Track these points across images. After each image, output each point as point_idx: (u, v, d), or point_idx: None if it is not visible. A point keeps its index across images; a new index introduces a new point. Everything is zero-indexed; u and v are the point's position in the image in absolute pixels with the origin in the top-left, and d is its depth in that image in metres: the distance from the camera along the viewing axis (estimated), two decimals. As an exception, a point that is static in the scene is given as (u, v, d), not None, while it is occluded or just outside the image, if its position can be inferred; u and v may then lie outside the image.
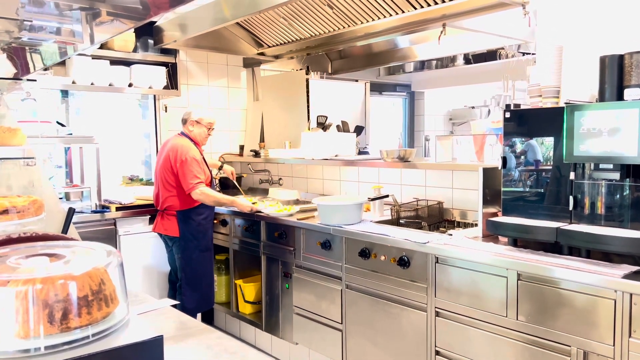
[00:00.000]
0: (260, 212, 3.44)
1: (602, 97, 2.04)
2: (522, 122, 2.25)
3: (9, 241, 1.17)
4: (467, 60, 5.57)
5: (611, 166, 1.89)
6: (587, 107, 1.95)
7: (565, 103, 2.01)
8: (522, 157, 2.28)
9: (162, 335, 1.00)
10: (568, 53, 2.22)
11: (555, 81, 2.16)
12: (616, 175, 1.89)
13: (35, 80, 1.48)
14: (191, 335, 1.28)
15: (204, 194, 3.34)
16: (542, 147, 2.17)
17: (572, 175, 2.04)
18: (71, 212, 1.65)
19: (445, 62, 5.85)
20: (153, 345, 0.98)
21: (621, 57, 2.01)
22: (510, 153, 2.32)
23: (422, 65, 6.10)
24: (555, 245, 2.14)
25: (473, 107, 6.90)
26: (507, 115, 2.27)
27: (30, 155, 1.34)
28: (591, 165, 1.99)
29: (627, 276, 1.79)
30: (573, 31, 2.27)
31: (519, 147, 2.28)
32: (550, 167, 2.17)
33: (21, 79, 1.44)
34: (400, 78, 6.45)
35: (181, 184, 3.36)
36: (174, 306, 1.55)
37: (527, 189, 2.29)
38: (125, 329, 1.01)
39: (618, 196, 1.95)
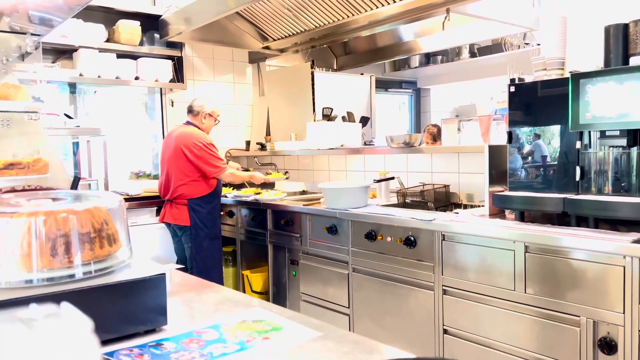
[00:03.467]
0: (268, 181, 3.79)
1: (607, 66, 2.03)
2: (527, 96, 2.24)
3: (13, 192, 1.18)
4: (473, 53, 5.57)
5: (618, 133, 1.87)
6: (593, 75, 1.94)
7: (570, 72, 2.00)
8: (528, 136, 2.26)
9: (164, 273, 1.00)
10: (572, 24, 2.21)
11: (560, 52, 2.15)
12: (623, 142, 1.87)
13: (40, 35, 1.48)
14: (196, 289, 1.28)
15: (233, 174, 3.55)
16: (548, 118, 2.16)
17: (578, 145, 2.03)
18: (77, 180, 1.66)
19: (451, 56, 5.85)
20: (156, 282, 0.98)
21: (626, 26, 2.00)
22: (516, 129, 2.30)
23: (428, 60, 6.11)
24: (563, 219, 2.12)
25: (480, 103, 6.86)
26: (512, 89, 2.26)
27: (34, 110, 1.35)
28: (597, 134, 1.98)
29: (636, 241, 1.77)
30: (577, 2, 2.26)
31: (524, 123, 2.26)
32: (557, 140, 2.16)
33: (25, 33, 1.45)
34: (406, 74, 6.45)
35: (202, 170, 3.40)
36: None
37: (534, 164, 2.27)
38: (127, 269, 1.02)
39: (625, 164, 1.93)
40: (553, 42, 2.15)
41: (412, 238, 2.51)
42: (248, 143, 4.90)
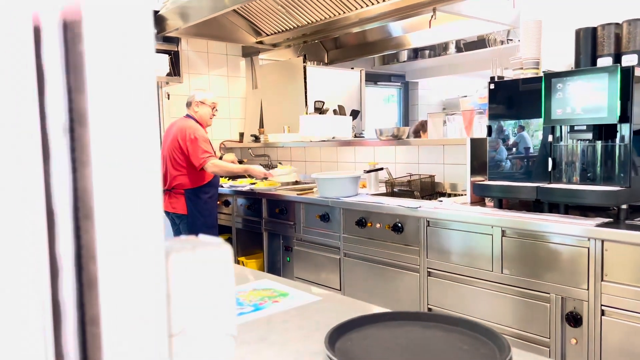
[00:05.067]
0: (271, 175, 3.79)
1: (577, 67, 2.22)
2: (505, 92, 2.43)
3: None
4: (459, 48, 5.76)
5: (585, 127, 2.07)
6: (563, 74, 2.13)
7: (544, 72, 2.19)
8: (507, 129, 2.46)
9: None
10: (547, 27, 2.40)
11: (535, 53, 2.33)
12: (589, 136, 2.07)
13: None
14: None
15: (216, 165, 3.55)
16: (524, 113, 2.35)
17: (550, 138, 2.22)
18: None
19: (438, 51, 6.03)
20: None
21: (594, 30, 2.19)
22: (495, 124, 2.49)
23: (416, 55, 6.28)
24: (537, 206, 2.32)
25: (465, 96, 7.05)
26: (492, 86, 2.44)
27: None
28: (567, 128, 2.17)
29: (599, 225, 1.97)
30: (551, 7, 2.46)
31: (503, 118, 2.45)
32: (532, 134, 2.35)
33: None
34: (395, 68, 6.63)
35: (191, 162, 3.53)
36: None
37: (511, 156, 2.47)
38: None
39: (591, 155, 2.13)
40: (529, 43, 2.34)
41: (399, 224, 2.70)
42: (242, 135, 5.05)
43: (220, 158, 4.27)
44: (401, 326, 0.88)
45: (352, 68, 5.17)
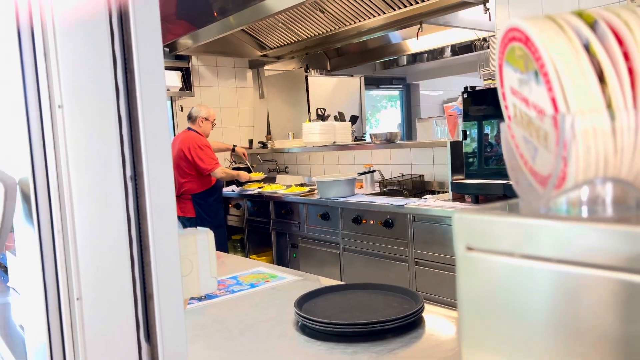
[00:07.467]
0: (251, 180, 4.37)
1: (537, 77, 2.52)
2: (477, 100, 2.74)
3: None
4: (454, 52, 6.05)
5: (542, 131, 2.37)
6: (522, 85, 2.43)
7: (506, 83, 2.49)
8: (479, 133, 2.76)
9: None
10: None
11: (501, 66, 2.64)
12: (546, 138, 2.37)
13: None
14: (217, 258, 1.80)
15: (224, 171, 4.08)
16: (493, 118, 2.66)
17: (514, 141, 2.52)
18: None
19: (435, 55, 6.32)
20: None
21: (551, 44, 2.49)
22: (469, 128, 2.80)
23: (415, 59, 6.58)
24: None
25: (448, 103, 7.33)
26: (465, 95, 2.75)
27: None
28: (528, 132, 2.47)
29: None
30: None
31: (476, 123, 2.76)
32: (499, 136, 2.66)
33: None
34: (395, 71, 6.93)
35: (199, 168, 3.92)
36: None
37: (484, 156, 2.77)
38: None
39: (549, 155, 2.43)
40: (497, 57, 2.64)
41: (389, 220, 3.02)
42: (251, 141, 5.40)
43: (233, 150, 4.72)
44: (353, 293, 1.21)
45: (352, 75, 5.49)
